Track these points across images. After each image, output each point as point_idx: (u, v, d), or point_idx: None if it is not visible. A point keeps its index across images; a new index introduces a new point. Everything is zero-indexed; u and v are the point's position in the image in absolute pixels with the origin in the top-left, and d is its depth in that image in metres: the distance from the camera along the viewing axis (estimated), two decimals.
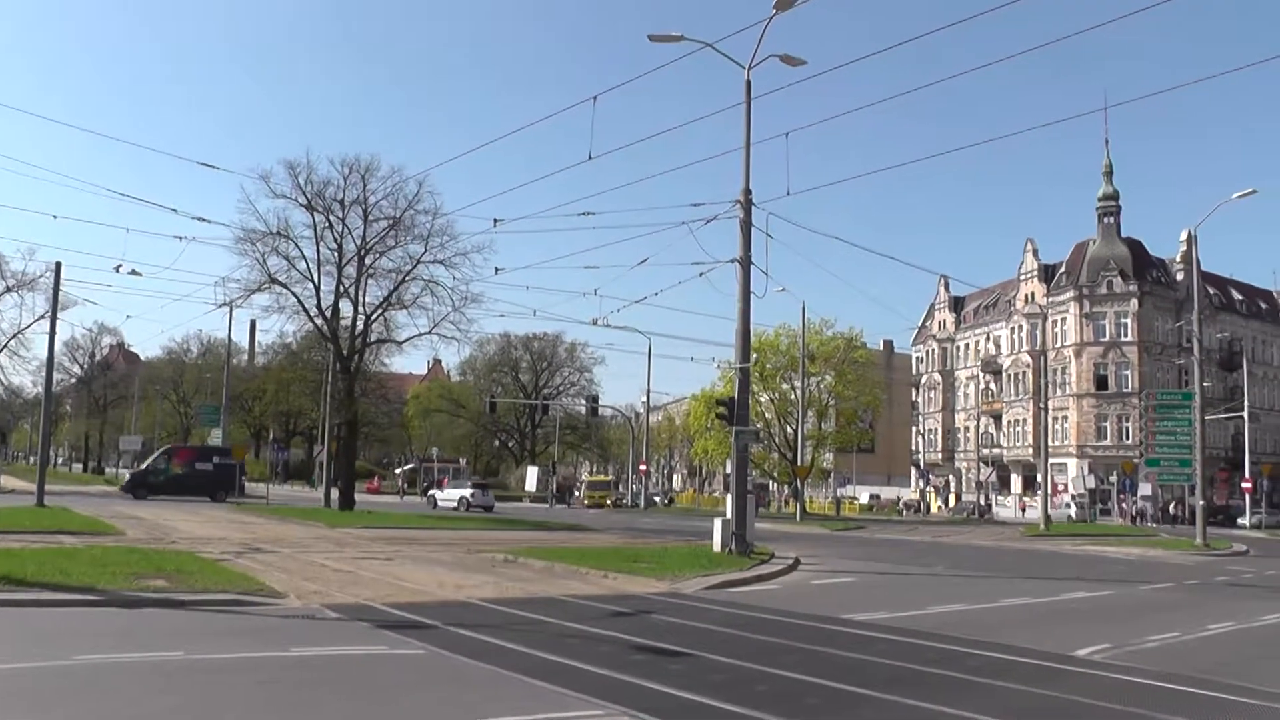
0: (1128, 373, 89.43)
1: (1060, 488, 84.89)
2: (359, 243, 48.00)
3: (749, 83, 29.86)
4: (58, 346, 51.22)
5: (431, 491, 74.54)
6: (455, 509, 61.45)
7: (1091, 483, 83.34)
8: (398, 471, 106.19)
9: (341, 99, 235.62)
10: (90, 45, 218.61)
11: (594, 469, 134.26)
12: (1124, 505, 79.74)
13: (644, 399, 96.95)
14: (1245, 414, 76.53)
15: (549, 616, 16.32)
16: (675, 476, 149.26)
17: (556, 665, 11.93)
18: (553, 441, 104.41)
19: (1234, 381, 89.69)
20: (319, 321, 49.36)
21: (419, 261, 47.89)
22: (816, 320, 76.06)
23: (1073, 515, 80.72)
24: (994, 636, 15.93)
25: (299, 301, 48.01)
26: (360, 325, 49.40)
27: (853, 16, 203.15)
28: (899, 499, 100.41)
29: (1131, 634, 16.71)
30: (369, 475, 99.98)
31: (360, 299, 48.84)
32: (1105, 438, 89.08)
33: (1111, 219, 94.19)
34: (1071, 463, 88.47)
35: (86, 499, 51.27)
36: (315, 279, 48.07)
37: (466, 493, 66.05)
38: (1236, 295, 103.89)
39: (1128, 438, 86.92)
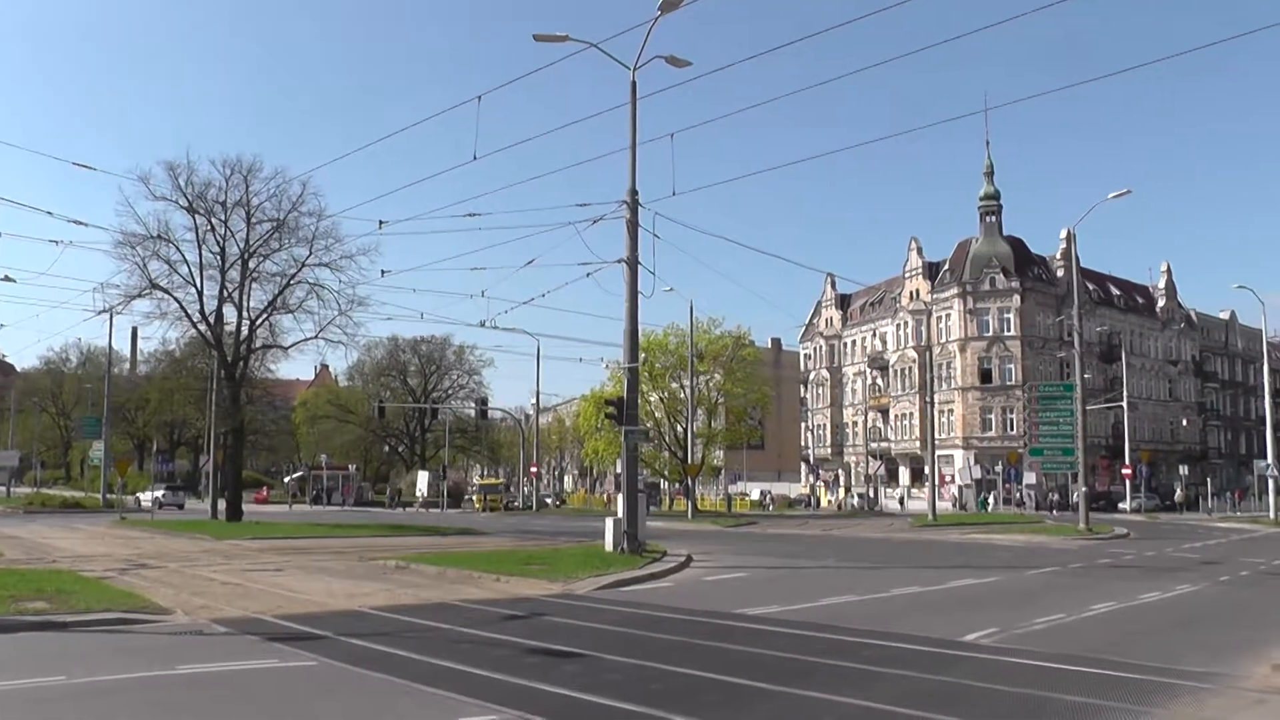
0: (1011, 366, 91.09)
1: (947, 479, 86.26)
2: (242, 246, 47.22)
3: (634, 84, 29.98)
4: None
5: (136, 494, 74.41)
6: (149, 508, 60.46)
7: (978, 473, 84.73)
8: (286, 480, 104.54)
9: (220, 100, 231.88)
10: None
11: (485, 472, 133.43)
12: (1010, 494, 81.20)
13: (534, 401, 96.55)
14: (1124, 404, 78.54)
15: (442, 622, 16.27)
16: (567, 478, 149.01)
17: (450, 671, 11.92)
18: (443, 445, 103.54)
19: (1113, 373, 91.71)
20: (202, 327, 48.38)
21: (304, 265, 47.31)
22: (704, 319, 76.42)
23: (960, 505, 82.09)
24: (885, 626, 16.21)
25: (181, 307, 47.12)
26: (245, 331, 48.61)
27: (738, 19, 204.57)
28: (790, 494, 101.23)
29: (1019, 617, 17.12)
30: (257, 485, 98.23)
31: (244, 304, 48.07)
32: (990, 429, 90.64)
33: (993, 218, 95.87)
34: (958, 454, 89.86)
35: None
36: (198, 284, 47.18)
37: (159, 494, 67.26)
38: (1115, 290, 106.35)
39: (1012, 429, 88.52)
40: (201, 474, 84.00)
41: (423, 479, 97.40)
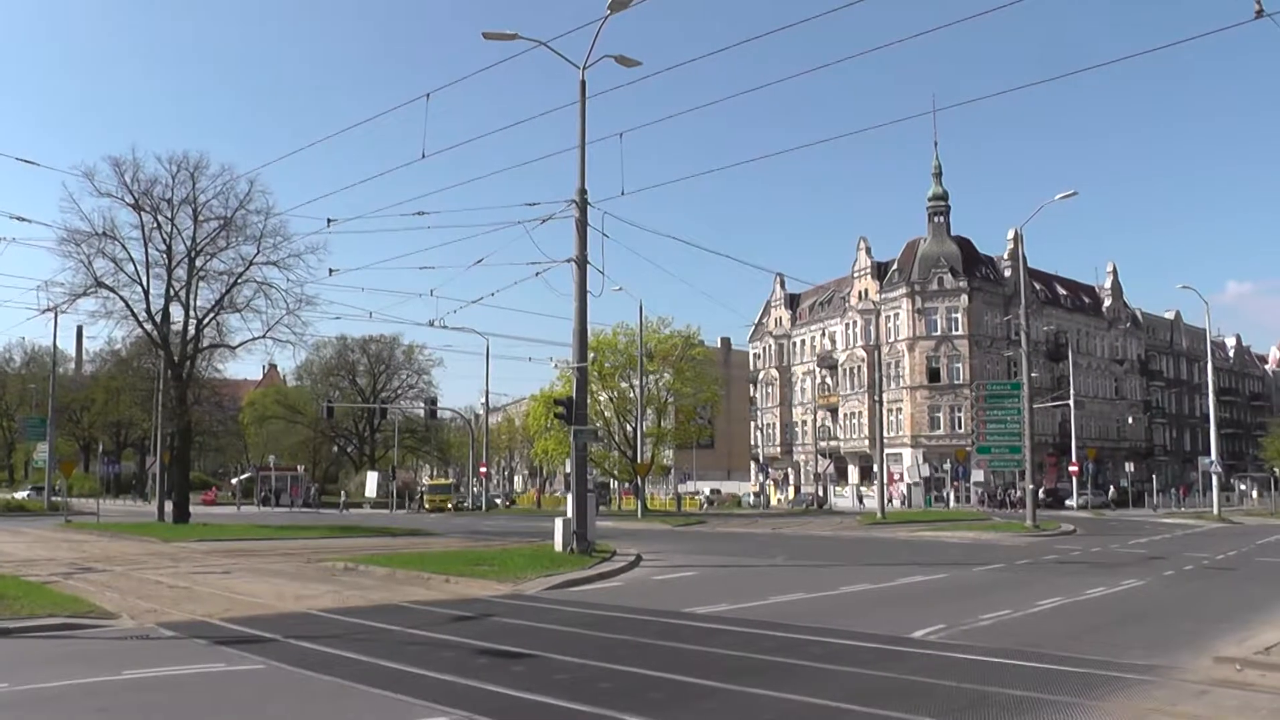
0: (959, 365, 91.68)
1: (896, 477, 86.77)
2: (189, 244, 46.87)
3: (584, 82, 29.98)
4: None
5: None
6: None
7: (926, 471, 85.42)
8: (234, 481, 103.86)
9: (165, 96, 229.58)
10: None
11: (434, 472, 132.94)
12: (958, 491, 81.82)
13: (483, 400, 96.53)
14: (1071, 402, 79.33)
15: (391, 624, 16.22)
16: (516, 478, 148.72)
17: (399, 673, 11.88)
18: (392, 446, 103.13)
19: (1060, 372, 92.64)
20: (149, 327, 47.99)
21: (251, 263, 46.93)
22: (654, 319, 76.66)
23: (909, 503, 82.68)
24: (834, 623, 16.32)
25: (127, 306, 46.69)
26: (192, 330, 48.10)
27: (688, 19, 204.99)
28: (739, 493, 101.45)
29: (966, 613, 17.27)
30: (205, 486, 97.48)
31: (191, 302, 47.65)
32: (938, 428, 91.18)
33: (941, 218, 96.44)
34: (906, 452, 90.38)
35: None
36: (144, 282, 46.79)
37: (26, 494, 68.49)
38: (1061, 290, 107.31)
39: (960, 427, 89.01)
40: (148, 475, 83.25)
41: (372, 480, 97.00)
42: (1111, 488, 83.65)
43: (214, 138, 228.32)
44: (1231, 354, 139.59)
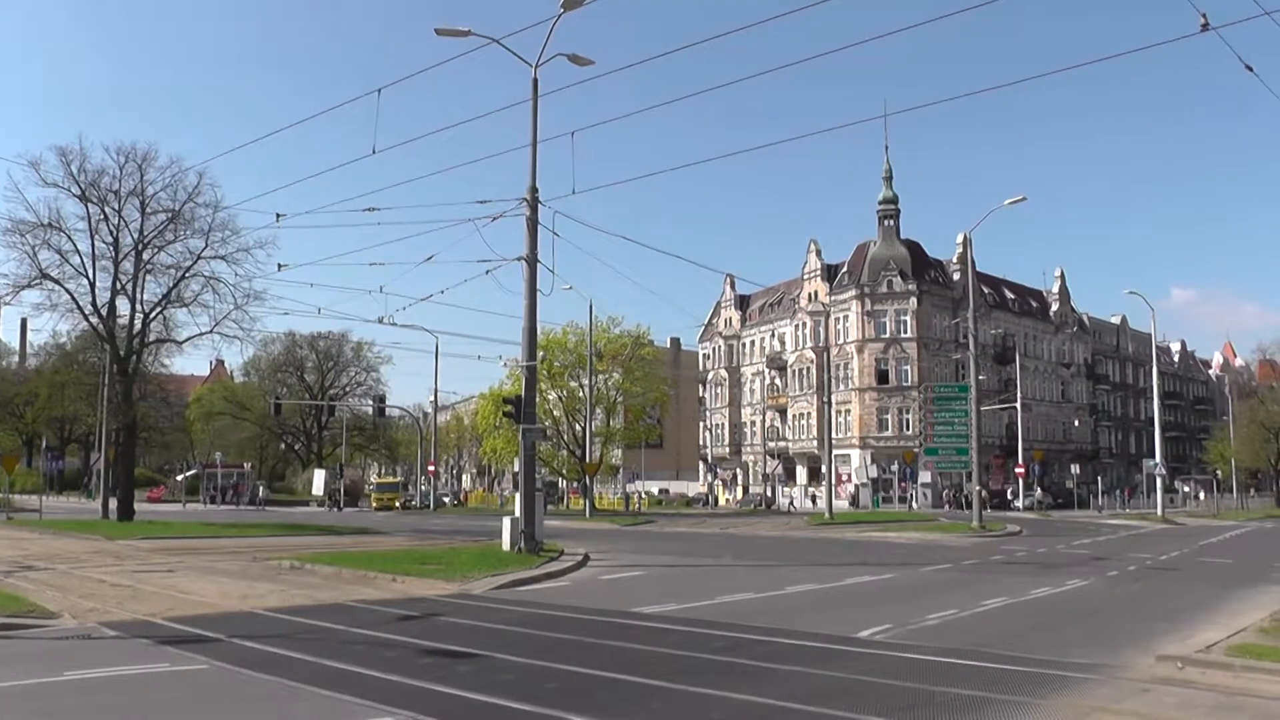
0: (907, 367, 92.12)
1: (844, 478, 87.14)
2: (136, 236, 46.32)
3: (536, 81, 29.91)
4: None
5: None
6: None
7: (874, 472, 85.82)
8: (180, 478, 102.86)
9: (113, 85, 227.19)
10: None
11: (382, 470, 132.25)
12: (905, 493, 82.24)
13: (432, 398, 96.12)
14: (1018, 405, 79.96)
15: (336, 624, 16.13)
16: (465, 476, 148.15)
17: (344, 673, 11.81)
18: (340, 443, 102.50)
19: (1007, 375, 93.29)
20: (94, 320, 47.43)
21: (199, 257, 46.45)
22: (604, 318, 76.64)
23: (857, 504, 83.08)
24: (781, 623, 16.36)
25: (73, 299, 46.05)
26: (138, 324, 47.60)
27: (641, 19, 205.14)
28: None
29: (912, 613, 17.37)
30: (150, 483, 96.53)
31: (138, 296, 47.11)
32: (887, 429, 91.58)
33: (891, 221, 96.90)
34: (855, 453, 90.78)
35: None
36: (90, 275, 46.25)
37: None
38: (1009, 294, 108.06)
39: (908, 428, 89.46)
40: (92, 472, 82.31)
41: (319, 478, 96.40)
42: (1039, 488, 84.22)
43: (163, 129, 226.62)
44: (1176, 359, 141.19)
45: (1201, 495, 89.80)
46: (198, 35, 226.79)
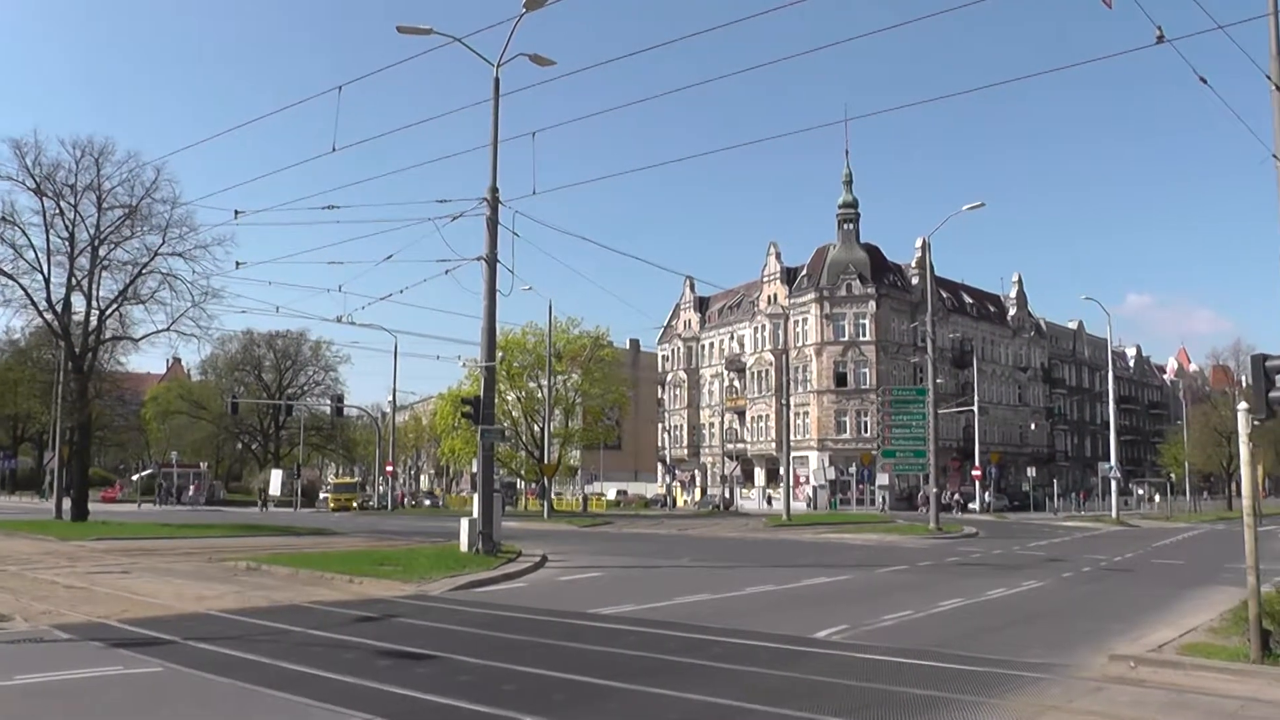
0: (866, 370, 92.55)
1: (802, 480, 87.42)
2: (92, 232, 45.73)
3: (497, 80, 29.84)
4: None
5: None
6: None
7: (832, 474, 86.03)
8: (136, 478, 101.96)
9: (70, 78, 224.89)
10: None
11: (340, 471, 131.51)
12: (863, 495, 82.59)
13: (390, 398, 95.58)
14: (975, 408, 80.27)
15: (293, 625, 16.06)
16: (423, 477, 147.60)
17: (300, 675, 11.76)
18: (298, 443, 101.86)
19: (965, 378, 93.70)
20: (49, 316, 46.87)
21: (157, 253, 45.85)
22: (564, 319, 76.49)
23: (814, 505, 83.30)
24: (738, 624, 16.42)
25: (27, 294, 45.51)
26: (94, 321, 46.90)
27: (604, 20, 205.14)
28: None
29: (868, 614, 17.50)
30: (105, 483, 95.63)
31: (94, 292, 46.47)
32: (845, 431, 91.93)
33: (851, 225, 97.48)
34: (813, 455, 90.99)
35: None
36: (45, 270, 45.66)
37: None
38: (968, 299, 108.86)
39: (866, 431, 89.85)
40: (46, 471, 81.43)
41: (276, 478, 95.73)
42: (987, 489, 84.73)
43: (120, 123, 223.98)
44: (1132, 363, 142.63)
45: (1156, 498, 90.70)
46: (156, 28, 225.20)
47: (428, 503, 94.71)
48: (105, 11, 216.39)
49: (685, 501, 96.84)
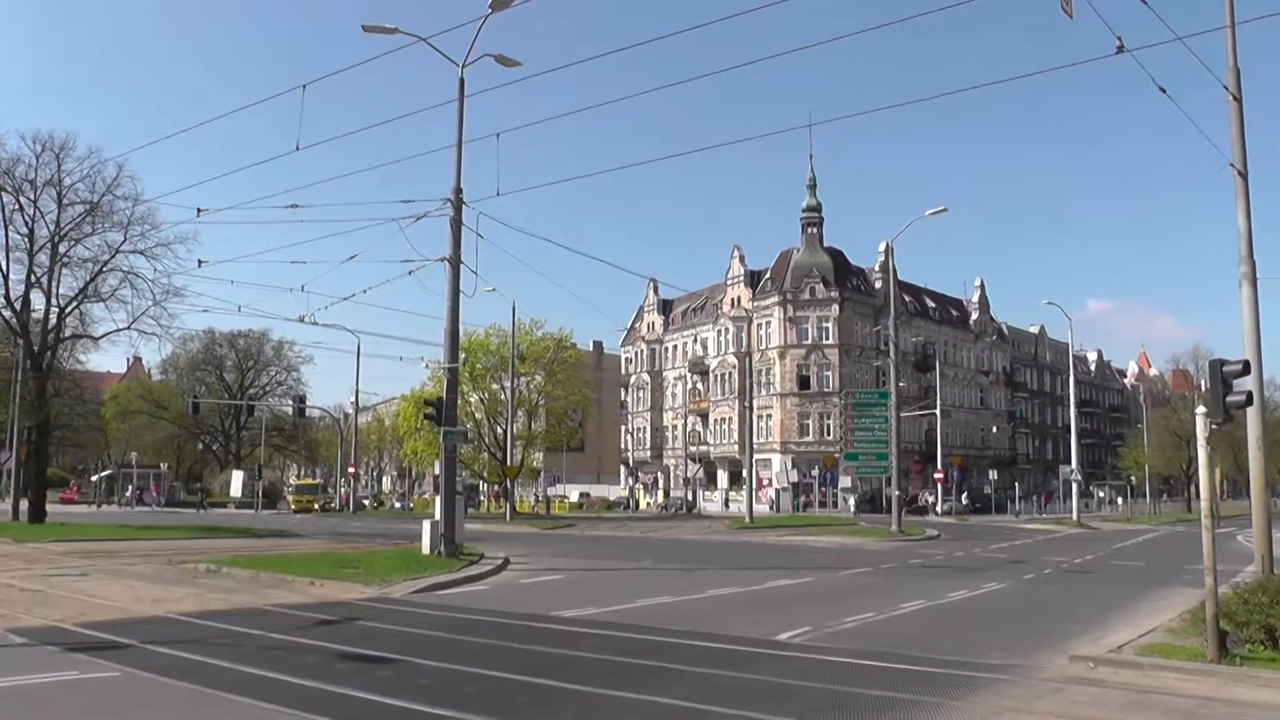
0: (829, 373, 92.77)
1: (765, 482, 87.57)
2: (52, 228, 45.16)
3: (462, 81, 29.78)
4: None
5: None
6: None
7: (795, 477, 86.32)
8: (95, 478, 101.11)
9: (31, 74, 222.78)
10: None
11: (301, 472, 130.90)
12: (825, 497, 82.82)
13: (353, 399, 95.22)
14: (938, 411, 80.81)
15: (253, 628, 15.96)
16: (385, 478, 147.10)
17: (260, 679, 11.67)
18: (259, 444, 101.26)
19: (928, 382, 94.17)
20: (7, 314, 46.41)
21: (118, 251, 45.34)
22: (527, 320, 76.21)
23: (777, 508, 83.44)
24: (700, 626, 16.44)
25: None
26: (53, 319, 46.45)
27: (570, 21, 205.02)
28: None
29: (830, 616, 17.57)
30: (63, 483, 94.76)
31: (54, 290, 45.87)
32: (808, 434, 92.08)
33: (815, 229, 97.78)
34: (776, 458, 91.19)
35: None
36: (4, 266, 45.25)
37: None
38: (930, 303, 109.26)
39: (829, 434, 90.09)
40: (2, 472, 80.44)
41: (237, 479, 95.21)
42: (950, 491, 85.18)
43: (82, 119, 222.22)
44: (1093, 368, 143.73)
45: (1116, 500, 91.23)
46: (118, 24, 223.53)
47: (397, 504, 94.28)
48: (65, 6, 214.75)
49: (648, 504, 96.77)
